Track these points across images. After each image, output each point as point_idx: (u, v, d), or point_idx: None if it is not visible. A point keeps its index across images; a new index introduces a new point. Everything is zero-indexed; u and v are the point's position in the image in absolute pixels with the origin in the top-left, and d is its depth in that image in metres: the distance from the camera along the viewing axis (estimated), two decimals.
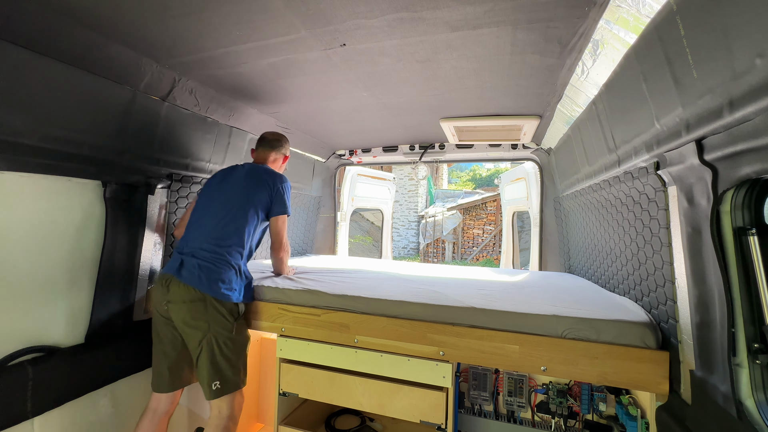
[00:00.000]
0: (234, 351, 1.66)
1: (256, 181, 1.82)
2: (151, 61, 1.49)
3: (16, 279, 1.37)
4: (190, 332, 1.60)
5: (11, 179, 1.32)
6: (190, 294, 1.59)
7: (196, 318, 1.59)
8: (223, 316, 1.63)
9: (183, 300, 1.60)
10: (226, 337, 1.63)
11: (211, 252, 1.67)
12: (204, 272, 1.62)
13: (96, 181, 1.59)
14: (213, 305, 1.61)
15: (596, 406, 1.72)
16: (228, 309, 1.65)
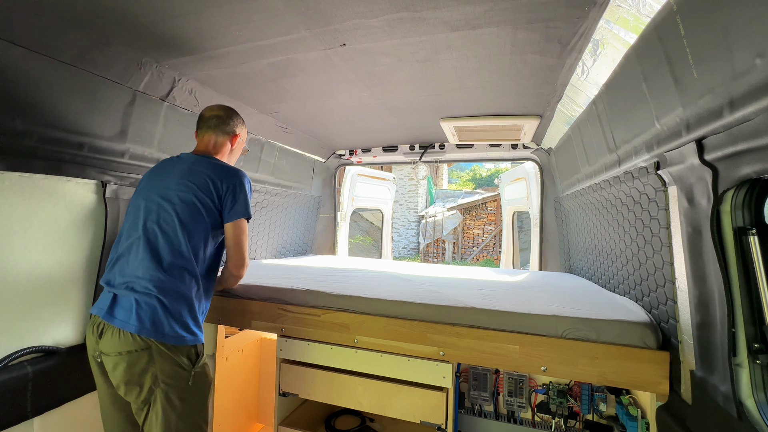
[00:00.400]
0: (192, 406, 1.30)
1: (196, 180, 1.38)
2: (151, 61, 1.49)
3: (16, 279, 1.37)
4: (130, 391, 1.25)
5: (11, 179, 1.32)
6: (128, 343, 1.21)
7: (138, 373, 1.23)
8: (177, 365, 1.26)
9: (119, 351, 1.22)
10: (182, 390, 1.27)
11: (152, 281, 1.27)
12: (145, 310, 1.24)
13: (96, 181, 1.59)
14: (161, 353, 1.24)
15: (596, 407, 1.72)
16: (184, 354, 1.28)
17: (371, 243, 12.60)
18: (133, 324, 1.22)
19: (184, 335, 1.28)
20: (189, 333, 1.30)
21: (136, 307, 1.24)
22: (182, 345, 1.28)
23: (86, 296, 1.62)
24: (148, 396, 1.25)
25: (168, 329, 1.25)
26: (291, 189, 3.01)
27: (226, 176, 1.41)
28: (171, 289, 1.29)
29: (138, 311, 1.24)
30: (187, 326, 1.30)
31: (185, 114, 1.79)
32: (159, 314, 1.25)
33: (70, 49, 1.26)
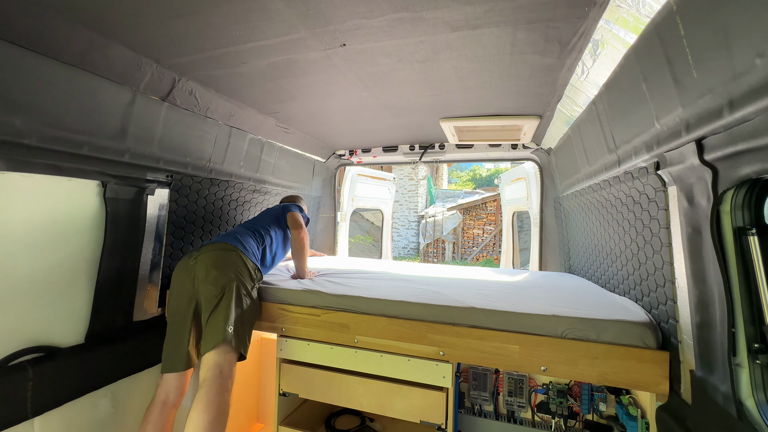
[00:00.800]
0: (250, 310, 1.70)
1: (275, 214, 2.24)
2: (151, 61, 1.49)
3: (16, 279, 1.37)
4: (214, 277, 1.65)
5: (11, 179, 1.32)
6: (221, 245, 1.78)
7: (224, 264, 1.70)
8: (248, 270, 1.78)
9: (213, 249, 1.75)
10: (248, 292, 1.71)
11: (243, 236, 1.92)
12: (235, 237, 1.87)
13: (96, 181, 1.59)
14: (241, 258, 1.77)
15: (596, 406, 1.72)
16: (252, 268, 1.81)
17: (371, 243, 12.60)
18: (226, 238, 1.85)
19: (256, 259, 1.88)
20: (257, 259, 1.90)
21: (229, 236, 1.87)
22: (253, 262, 1.83)
23: (86, 296, 1.62)
24: (226, 283, 1.65)
25: (247, 248, 1.84)
26: (291, 189, 3.01)
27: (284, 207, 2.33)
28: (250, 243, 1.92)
29: (229, 237, 1.87)
30: (257, 257, 1.91)
31: (185, 114, 1.79)
32: (242, 242, 1.86)
33: (70, 49, 1.26)
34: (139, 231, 1.78)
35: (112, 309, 1.71)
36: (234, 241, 1.84)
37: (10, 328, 1.37)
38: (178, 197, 2.00)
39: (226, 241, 1.82)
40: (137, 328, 1.84)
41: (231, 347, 1.56)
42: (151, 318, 1.92)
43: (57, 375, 1.46)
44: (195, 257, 1.74)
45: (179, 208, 2.03)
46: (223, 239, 1.85)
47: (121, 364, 1.73)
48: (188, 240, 2.14)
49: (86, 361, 1.57)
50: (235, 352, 1.57)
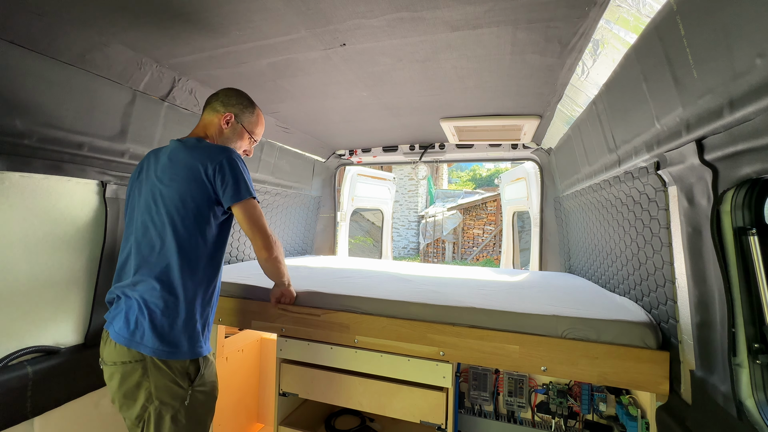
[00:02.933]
0: (189, 426, 1.20)
1: (181, 165, 1.25)
2: (151, 60, 1.49)
3: (16, 279, 1.37)
4: (125, 405, 1.19)
5: (11, 179, 1.32)
6: (122, 354, 1.15)
7: (132, 384, 1.16)
8: (172, 382, 1.17)
9: (113, 361, 1.17)
10: (176, 410, 1.18)
11: (145, 285, 1.19)
12: (139, 318, 1.16)
13: (96, 181, 1.59)
14: (156, 366, 1.16)
15: (596, 406, 1.72)
16: (179, 371, 1.19)
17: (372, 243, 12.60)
18: (125, 335, 1.15)
19: (178, 349, 1.18)
20: (183, 346, 1.19)
21: (130, 315, 1.17)
22: (177, 360, 1.18)
23: (86, 296, 1.62)
24: (141, 413, 1.17)
25: (161, 342, 1.15)
26: (291, 189, 3.01)
27: (214, 156, 1.24)
28: (166, 295, 1.19)
29: (129, 321, 1.16)
30: (182, 338, 1.19)
31: (185, 114, 1.79)
32: (151, 324, 1.16)
33: (70, 49, 1.26)
34: None
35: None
36: (136, 340, 1.15)
37: (10, 328, 1.37)
38: None
39: (125, 343, 1.15)
40: None
41: None
42: None
43: (57, 375, 1.46)
44: (102, 360, 1.23)
45: None
46: (120, 335, 1.16)
47: None
48: None
49: (86, 361, 1.57)
50: None
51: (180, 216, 1.23)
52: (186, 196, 1.23)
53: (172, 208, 1.23)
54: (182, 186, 1.23)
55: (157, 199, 1.25)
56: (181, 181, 1.24)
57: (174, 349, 1.18)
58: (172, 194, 1.23)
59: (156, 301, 1.18)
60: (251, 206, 1.30)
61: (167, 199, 1.23)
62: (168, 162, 1.28)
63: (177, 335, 1.19)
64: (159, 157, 1.32)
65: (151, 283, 1.19)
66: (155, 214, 1.24)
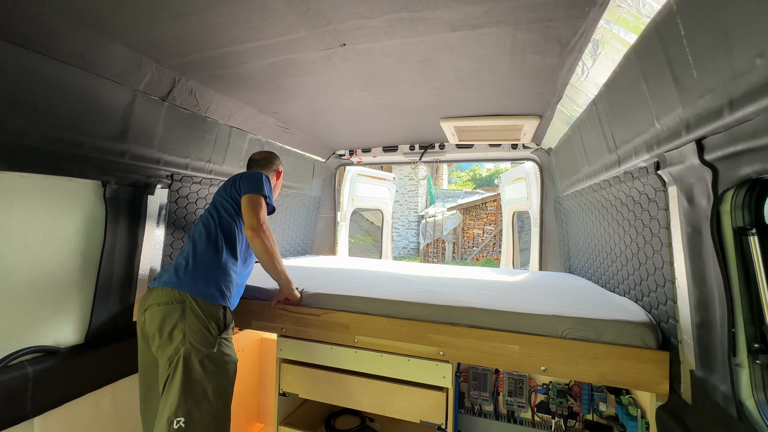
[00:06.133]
0: (214, 376, 1.31)
1: (232, 182, 1.68)
2: (151, 61, 1.49)
3: (16, 279, 1.37)
4: (158, 346, 1.33)
5: (11, 179, 1.32)
6: (166, 295, 1.36)
7: (170, 325, 1.31)
8: (203, 325, 1.34)
9: (158, 302, 1.36)
10: (205, 354, 1.31)
11: (198, 252, 1.50)
12: (186, 270, 1.43)
13: (96, 181, 1.58)
14: (192, 309, 1.34)
15: (596, 406, 1.72)
16: (211, 314, 1.37)
17: (372, 243, 12.60)
18: (173, 279, 1.40)
19: (215, 294, 1.41)
20: (218, 294, 1.42)
21: (180, 270, 1.44)
22: (211, 303, 1.39)
23: (86, 296, 1.62)
24: (173, 353, 1.29)
25: (201, 285, 1.40)
26: (291, 189, 3.01)
27: (247, 173, 1.67)
28: (210, 258, 1.48)
29: (179, 271, 1.43)
30: (219, 288, 1.44)
31: (185, 114, 1.79)
32: (196, 273, 1.42)
33: (70, 49, 1.26)
34: (139, 231, 1.78)
35: (112, 309, 1.71)
36: (183, 282, 1.39)
37: (10, 328, 1.37)
38: (178, 197, 2.00)
39: (172, 285, 1.38)
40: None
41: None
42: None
43: (57, 375, 1.46)
44: (143, 311, 1.41)
45: (179, 208, 2.03)
46: (168, 281, 1.41)
47: (121, 364, 1.73)
48: None
49: (86, 361, 1.57)
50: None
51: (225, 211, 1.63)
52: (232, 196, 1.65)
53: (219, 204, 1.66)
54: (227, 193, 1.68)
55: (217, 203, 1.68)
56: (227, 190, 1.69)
57: (209, 292, 1.41)
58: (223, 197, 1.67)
59: (200, 258, 1.48)
60: (257, 197, 1.57)
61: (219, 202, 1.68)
62: None
63: (213, 285, 1.43)
64: None
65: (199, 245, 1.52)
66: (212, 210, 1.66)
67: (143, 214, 1.79)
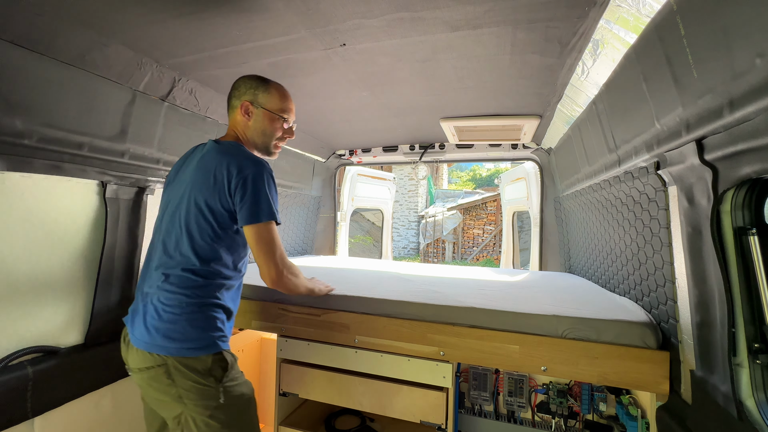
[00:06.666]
0: (233, 424, 1.15)
1: (205, 170, 1.22)
2: (151, 60, 1.49)
3: (16, 279, 1.37)
4: (160, 406, 1.18)
5: (11, 179, 1.32)
6: (144, 359, 1.12)
7: (161, 390, 1.13)
8: (197, 383, 1.11)
9: (138, 366, 1.14)
10: (211, 412, 1.12)
11: (165, 289, 1.15)
12: (157, 321, 1.12)
13: (96, 181, 1.58)
14: (179, 370, 1.10)
15: (596, 406, 1.72)
16: (203, 369, 1.12)
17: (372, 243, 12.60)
18: (145, 339, 1.11)
19: (201, 346, 1.13)
20: (207, 341, 1.14)
21: (150, 320, 1.13)
22: (201, 357, 1.12)
23: (86, 296, 1.62)
24: (178, 413, 1.14)
25: (181, 342, 1.11)
26: (291, 189, 3.01)
27: (234, 164, 1.17)
28: (186, 295, 1.15)
29: (148, 325, 1.12)
30: (206, 334, 1.14)
31: (185, 114, 1.79)
32: (170, 326, 1.11)
33: (70, 49, 1.26)
34: (139, 231, 1.78)
35: (112, 309, 1.71)
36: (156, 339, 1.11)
37: (10, 328, 1.37)
38: None
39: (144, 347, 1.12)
40: None
41: None
42: None
43: (57, 375, 1.46)
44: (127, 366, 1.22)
45: None
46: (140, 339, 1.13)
47: (121, 364, 1.73)
48: None
49: (86, 361, 1.57)
50: None
51: (196, 221, 1.19)
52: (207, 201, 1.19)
53: (192, 212, 1.20)
54: (205, 191, 1.19)
55: (183, 200, 1.23)
56: (203, 186, 1.20)
57: (192, 346, 1.12)
58: (196, 197, 1.20)
59: (168, 301, 1.15)
60: (268, 230, 1.20)
61: (190, 201, 1.21)
62: (199, 162, 1.26)
63: (196, 330, 1.14)
64: (194, 156, 1.32)
65: (165, 284, 1.16)
66: (177, 216, 1.22)
67: (143, 214, 1.79)
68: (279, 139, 1.39)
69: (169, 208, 1.27)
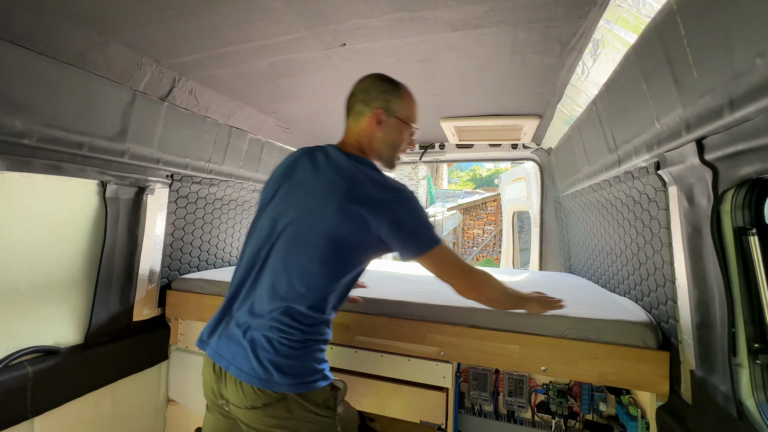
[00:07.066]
0: None
1: (330, 189, 1.06)
2: (151, 60, 1.49)
3: (16, 279, 1.37)
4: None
5: (11, 179, 1.32)
6: (262, 397, 1.01)
7: (276, 426, 1.03)
8: (317, 414, 1.04)
9: (250, 405, 1.02)
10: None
11: (284, 323, 1.03)
12: (273, 356, 1.01)
13: (96, 181, 1.59)
14: (299, 403, 1.02)
15: (596, 406, 1.72)
16: (322, 400, 1.06)
17: None
18: (260, 377, 1.00)
19: (320, 379, 1.06)
20: (325, 373, 1.09)
21: (261, 355, 1.01)
22: (321, 390, 1.05)
23: (86, 296, 1.62)
24: None
25: (302, 377, 1.03)
26: None
27: (377, 203, 1.02)
28: (299, 327, 1.04)
29: (261, 361, 1.01)
30: (321, 368, 1.08)
31: (185, 114, 1.79)
32: (289, 362, 1.02)
33: (70, 49, 1.26)
34: (138, 231, 1.78)
35: (112, 309, 1.71)
36: (272, 377, 1.00)
37: (10, 328, 1.37)
38: (178, 197, 2.00)
39: (260, 384, 1.00)
40: (137, 328, 1.84)
41: None
42: (151, 318, 1.92)
43: (57, 375, 1.46)
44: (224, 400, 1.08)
45: (179, 208, 2.03)
46: (254, 375, 1.00)
47: (121, 364, 1.73)
48: (188, 240, 2.14)
49: (86, 361, 1.57)
50: None
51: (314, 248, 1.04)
52: (332, 228, 1.02)
53: (310, 236, 1.04)
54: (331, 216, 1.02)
55: (298, 218, 1.06)
56: (332, 210, 1.02)
57: (311, 378, 1.05)
58: (314, 219, 1.04)
59: (286, 336, 1.04)
60: (441, 253, 1.09)
61: (305, 223, 1.05)
62: (321, 178, 1.09)
63: (311, 363, 1.07)
64: (315, 166, 1.13)
65: (284, 318, 1.04)
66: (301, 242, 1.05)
67: (143, 214, 1.79)
68: (402, 151, 1.24)
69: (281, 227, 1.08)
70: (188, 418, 2.03)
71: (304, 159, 1.17)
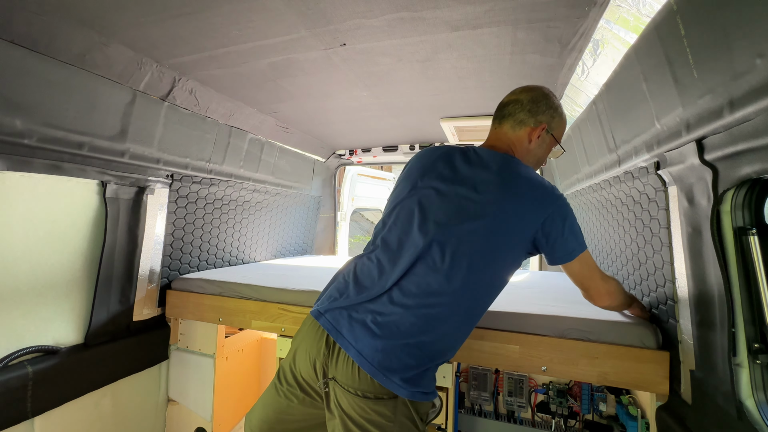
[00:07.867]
0: None
1: (514, 196, 1.05)
2: (151, 60, 1.49)
3: (16, 279, 1.37)
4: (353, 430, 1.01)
5: (11, 179, 1.32)
6: (373, 388, 0.98)
7: (373, 422, 0.99)
8: (414, 422, 1.01)
9: (362, 392, 0.99)
10: None
11: (413, 312, 1.00)
12: (397, 355, 0.99)
13: (96, 181, 1.59)
14: (405, 413, 1.00)
15: (596, 406, 1.72)
16: (424, 411, 1.05)
17: None
18: (379, 369, 0.98)
19: (430, 390, 1.04)
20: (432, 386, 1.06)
21: (388, 348, 0.99)
22: (425, 402, 1.04)
23: (86, 296, 1.62)
24: None
25: (417, 385, 1.01)
26: (291, 189, 3.01)
27: (551, 203, 1.06)
28: (435, 329, 1.01)
29: (386, 355, 0.98)
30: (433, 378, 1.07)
31: (185, 114, 1.79)
32: (411, 363, 1.00)
33: (71, 49, 1.26)
34: (139, 231, 1.79)
35: (112, 309, 1.71)
36: (399, 378, 0.98)
37: (10, 327, 1.37)
38: (178, 197, 2.00)
39: (383, 383, 0.97)
40: (137, 328, 1.84)
41: None
42: (151, 318, 1.92)
43: (57, 375, 1.46)
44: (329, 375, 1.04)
45: (179, 208, 2.03)
46: (377, 367, 0.98)
47: (121, 364, 1.73)
48: (188, 240, 2.14)
49: (86, 361, 1.57)
50: None
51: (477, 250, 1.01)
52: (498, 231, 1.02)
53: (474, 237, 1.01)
54: (500, 218, 1.02)
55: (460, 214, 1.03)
56: (503, 213, 1.02)
57: (429, 390, 1.04)
58: (486, 222, 1.02)
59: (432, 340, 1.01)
60: (589, 258, 1.12)
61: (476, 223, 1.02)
62: (496, 177, 1.06)
63: (433, 373, 1.07)
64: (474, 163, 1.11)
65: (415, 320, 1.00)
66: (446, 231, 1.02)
67: (143, 214, 1.79)
68: (542, 165, 1.27)
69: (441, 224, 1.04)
70: (188, 418, 2.03)
71: (457, 155, 1.14)
